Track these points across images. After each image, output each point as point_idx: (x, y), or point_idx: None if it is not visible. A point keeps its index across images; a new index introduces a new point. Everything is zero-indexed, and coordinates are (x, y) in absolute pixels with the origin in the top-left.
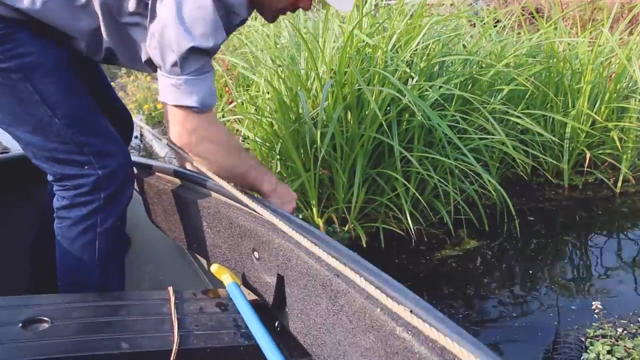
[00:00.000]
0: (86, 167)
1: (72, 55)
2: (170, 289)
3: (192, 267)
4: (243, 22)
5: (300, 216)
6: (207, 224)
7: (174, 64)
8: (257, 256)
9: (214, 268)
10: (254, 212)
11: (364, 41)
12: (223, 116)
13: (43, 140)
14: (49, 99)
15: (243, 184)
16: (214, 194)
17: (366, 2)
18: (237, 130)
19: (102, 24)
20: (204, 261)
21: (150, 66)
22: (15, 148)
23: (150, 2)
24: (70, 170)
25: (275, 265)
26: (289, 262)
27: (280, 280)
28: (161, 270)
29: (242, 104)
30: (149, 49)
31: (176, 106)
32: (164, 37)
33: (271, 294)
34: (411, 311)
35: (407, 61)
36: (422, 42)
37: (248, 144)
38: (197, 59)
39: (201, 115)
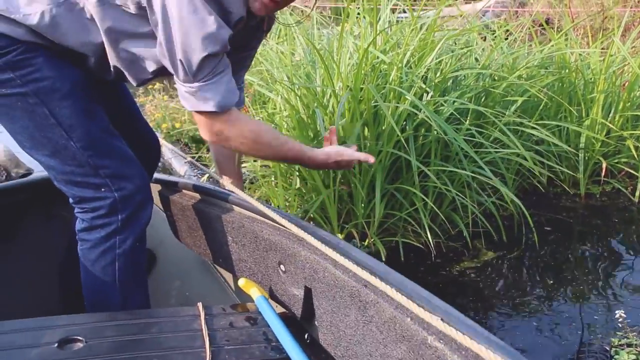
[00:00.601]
0: (103, 189)
1: (88, 78)
2: (200, 304)
3: (219, 282)
4: (240, 20)
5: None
6: (232, 238)
7: (185, 74)
8: (284, 269)
9: (242, 282)
10: (278, 226)
11: (378, 57)
12: None
13: (60, 164)
14: (65, 122)
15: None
16: (237, 209)
17: (380, 18)
18: None
19: (104, 37)
20: (230, 276)
21: (158, 77)
22: (38, 169)
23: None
24: (88, 192)
25: (302, 278)
26: (316, 274)
27: (308, 292)
28: (188, 286)
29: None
30: (160, 57)
31: (196, 112)
32: (169, 49)
33: (299, 306)
34: (442, 319)
35: (422, 76)
36: (436, 58)
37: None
38: (207, 65)
39: (222, 117)
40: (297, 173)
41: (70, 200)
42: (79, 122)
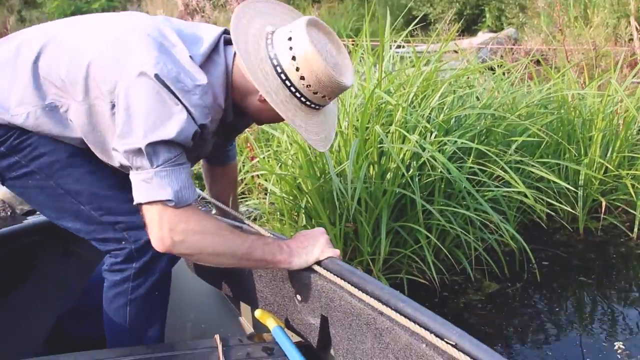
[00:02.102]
0: (123, 242)
1: (83, 143)
2: (217, 336)
3: (234, 313)
4: (228, 122)
5: None
6: (249, 270)
7: (144, 159)
8: (300, 299)
9: (258, 313)
10: None
11: (383, 98)
12: (247, 172)
13: (83, 226)
14: (71, 190)
15: (254, 265)
16: None
17: (383, 59)
18: (260, 185)
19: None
20: (245, 307)
21: (125, 169)
22: None
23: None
24: (112, 245)
25: (319, 307)
26: (332, 303)
27: (325, 321)
28: (203, 318)
29: (265, 159)
30: (117, 148)
31: (149, 204)
32: (128, 136)
33: (316, 335)
34: (455, 345)
35: (426, 116)
36: (439, 98)
37: (273, 199)
38: (165, 151)
39: (178, 210)
40: (304, 210)
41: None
42: (83, 186)
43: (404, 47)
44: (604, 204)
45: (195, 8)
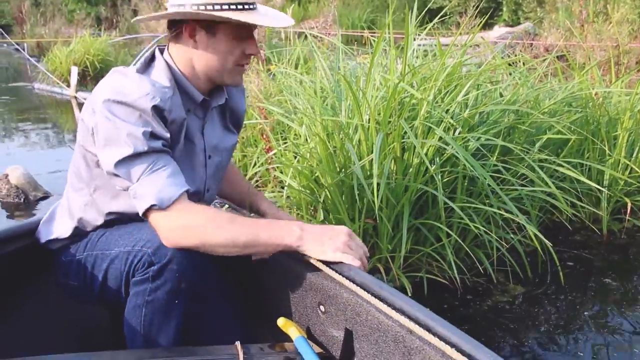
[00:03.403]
0: (142, 249)
1: None
2: (238, 343)
3: (256, 321)
4: (202, 102)
5: None
6: (270, 277)
7: (121, 180)
8: (323, 310)
9: (281, 322)
10: (318, 266)
11: (407, 91)
12: (262, 165)
13: (119, 263)
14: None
15: (263, 250)
16: None
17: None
18: (276, 178)
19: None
20: (266, 314)
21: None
22: (57, 192)
23: None
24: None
25: (343, 320)
26: (358, 317)
27: (349, 334)
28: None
29: (282, 151)
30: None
31: (144, 214)
32: (107, 163)
33: (338, 348)
34: None
35: (451, 112)
36: (464, 95)
37: (290, 192)
38: (137, 164)
39: (167, 210)
40: (322, 205)
41: None
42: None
43: (425, 39)
44: (629, 205)
45: None
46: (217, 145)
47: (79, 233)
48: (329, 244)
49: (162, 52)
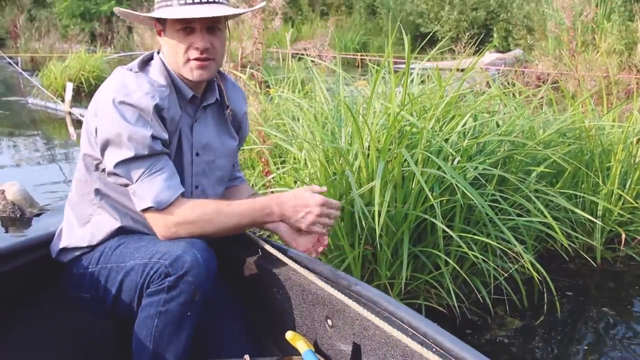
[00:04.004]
0: (159, 260)
1: None
2: (247, 357)
3: (264, 334)
4: (192, 99)
5: None
6: (277, 290)
7: (121, 179)
8: (331, 324)
9: (289, 335)
10: (325, 280)
11: (407, 120)
12: (260, 188)
13: (135, 275)
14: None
15: (249, 228)
16: (283, 261)
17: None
18: None
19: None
20: (274, 328)
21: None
22: (52, 209)
23: None
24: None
25: (351, 334)
26: (366, 332)
27: (357, 349)
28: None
29: (282, 175)
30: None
31: (143, 211)
32: (104, 162)
33: None
34: None
35: (451, 141)
36: (464, 125)
37: None
38: (137, 166)
39: (162, 211)
40: None
41: None
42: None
43: (418, 62)
44: (623, 236)
45: None
46: (207, 144)
47: (91, 243)
48: (303, 220)
49: (159, 52)
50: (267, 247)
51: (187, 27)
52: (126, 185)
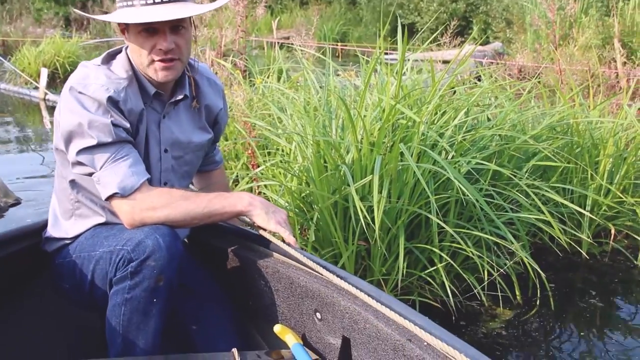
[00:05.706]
0: (122, 247)
1: None
2: (235, 350)
3: (252, 327)
4: (156, 95)
5: None
6: (266, 283)
7: (84, 167)
8: (320, 317)
9: (277, 329)
10: (315, 273)
11: (402, 113)
12: (247, 182)
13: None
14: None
15: (219, 218)
16: (271, 253)
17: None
18: (263, 194)
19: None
20: (262, 321)
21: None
22: (28, 198)
23: None
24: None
25: (341, 327)
26: (355, 325)
27: (346, 342)
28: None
29: (270, 168)
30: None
31: (108, 199)
32: (68, 152)
33: (335, 356)
34: None
35: (445, 136)
36: (458, 119)
37: None
38: (100, 154)
39: (128, 197)
40: (314, 227)
41: None
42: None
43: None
44: (612, 230)
45: None
46: (177, 141)
47: (73, 234)
48: (272, 216)
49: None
50: (255, 239)
51: (149, 28)
52: (91, 175)
